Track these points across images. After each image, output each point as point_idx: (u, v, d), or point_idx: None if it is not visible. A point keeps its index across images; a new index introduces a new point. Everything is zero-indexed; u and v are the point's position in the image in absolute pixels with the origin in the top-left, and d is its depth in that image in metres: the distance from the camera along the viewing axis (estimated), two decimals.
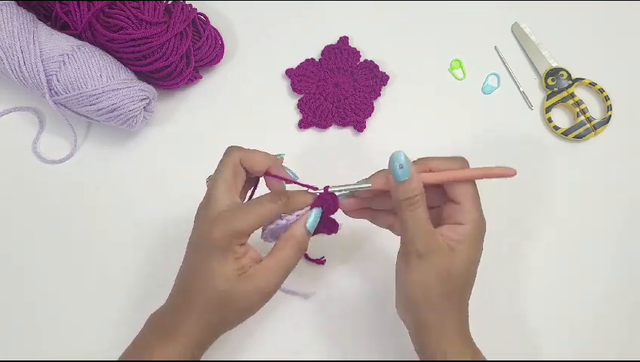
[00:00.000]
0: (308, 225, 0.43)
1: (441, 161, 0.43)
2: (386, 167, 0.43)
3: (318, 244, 0.54)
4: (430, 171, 0.43)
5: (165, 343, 0.41)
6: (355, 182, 0.45)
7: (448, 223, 0.43)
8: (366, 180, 0.45)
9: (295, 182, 0.46)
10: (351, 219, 0.47)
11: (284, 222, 0.44)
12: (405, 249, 0.42)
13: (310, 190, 0.45)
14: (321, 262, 0.55)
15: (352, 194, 0.46)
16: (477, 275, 0.49)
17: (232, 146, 0.45)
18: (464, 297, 0.44)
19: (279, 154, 0.46)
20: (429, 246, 0.41)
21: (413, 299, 0.42)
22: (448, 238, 0.42)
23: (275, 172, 0.45)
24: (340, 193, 0.45)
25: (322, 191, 0.45)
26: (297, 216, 0.44)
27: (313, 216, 0.44)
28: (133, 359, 0.42)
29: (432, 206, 0.44)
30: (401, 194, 0.41)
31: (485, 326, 0.54)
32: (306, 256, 0.55)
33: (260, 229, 0.44)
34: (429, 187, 0.42)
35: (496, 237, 0.57)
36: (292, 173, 0.46)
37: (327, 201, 0.44)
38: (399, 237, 0.44)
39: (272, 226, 0.44)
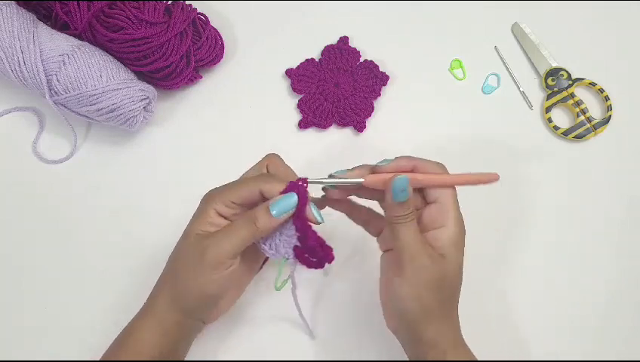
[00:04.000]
0: (272, 210, 0.42)
1: (423, 162, 0.44)
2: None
3: None
4: (413, 170, 0.43)
5: (137, 322, 0.44)
6: (334, 171, 0.44)
7: (431, 228, 0.43)
8: (352, 171, 0.44)
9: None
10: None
11: None
12: (398, 261, 0.42)
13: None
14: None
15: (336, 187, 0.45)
16: (477, 275, 0.50)
17: (271, 153, 0.47)
18: (456, 303, 0.44)
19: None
20: (423, 257, 0.42)
21: (409, 312, 0.42)
22: (436, 246, 0.43)
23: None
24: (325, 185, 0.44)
25: (297, 182, 0.43)
26: None
27: (280, 199, 0.42)
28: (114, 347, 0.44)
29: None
30: (397, 211, 0.42)
31: (485, 326, 0.54)
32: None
33: None
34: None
35: (497, 237, 0.57)
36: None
37: (297, 190, 0.42)
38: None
39: None
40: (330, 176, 0.44)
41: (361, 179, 0.43)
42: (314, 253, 0.44)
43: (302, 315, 0.50)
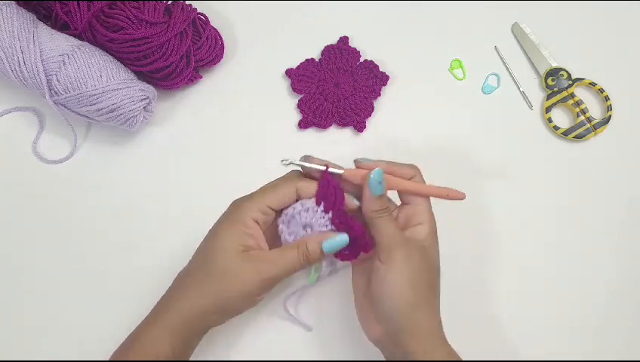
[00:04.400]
0: (324, 245, 0.43)
1: (398, 167, 0.46)
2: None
3: None
4: (389, 174, 0.45)
5: (147, 326, 0.43)
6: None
7: (409, 226, 0.45)
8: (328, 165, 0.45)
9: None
10: None
11: (299, 206, 0.44)
12: (385, 253, 0.43)
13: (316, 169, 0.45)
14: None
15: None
16: (477, 276, 0.50)
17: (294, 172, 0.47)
18: (439, 294, 0.45)
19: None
20: (409, 244, 0.43)
21: (400, 301, 0.42)
22: (416, 239, 0.44)
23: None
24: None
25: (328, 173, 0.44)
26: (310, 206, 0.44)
27: (334, 241, 0.43)
28: (126, 345, 0.44)
29: None
30: (376, 205, 0.44)
31: (485, 326, 0.54)
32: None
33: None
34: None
35: (496, 237, 0.57)
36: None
37: (330, 190, 0.44)
38: None
39: (288, 211, 0.45)
40: (306, 158, 0.45)
41: (341, 171, 0.44)
42: (354, 243, 0.44)
43: (291, 314, 0.51)
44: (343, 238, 0.43)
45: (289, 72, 0.62)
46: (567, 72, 0.62)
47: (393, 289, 0.42)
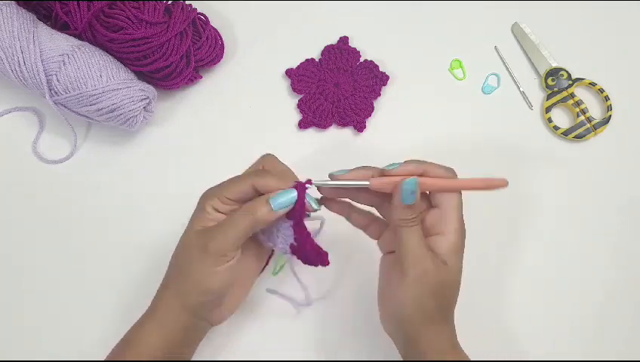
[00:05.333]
0: (271, 200, 0.42)
1: (432, 166, 0.44)
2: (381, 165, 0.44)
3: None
4: (422, 174, 0.43)
5: (141, 325, 0.44)
6: (336, 171, 0.44)
7: (432, 233, 0.44)
8: (352, 171, 0.44)
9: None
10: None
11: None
12: (401, 265, 0.42)
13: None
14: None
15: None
16: (476, 275, 0.49)
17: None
18: (453, 308, 0.45)
19: None
20: (425, 262, 0.42)
21: (408, 317, 0.42)
22: (437, 252, 0.43)
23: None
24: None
25: (301, 182, 0.43)
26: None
27: (280, 194, 0.42)
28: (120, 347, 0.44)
29: None
30: (404, 215, 0.42)
31: (485, 326, 0.54)
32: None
33: None
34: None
35: (496, 237, 0.57)
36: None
37: (298, 201, 0.43)
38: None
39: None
40: (330, 176, 0.44)
41: (367, 182, 0.43)
42: (309, 256, 0.44)
43: (301, 283, 0.50)
44: (289, 194, 0.42)
45: (289, 72, 0.62)
46: (567, 72, 0.62)
47: (403, 304, 0.42)
